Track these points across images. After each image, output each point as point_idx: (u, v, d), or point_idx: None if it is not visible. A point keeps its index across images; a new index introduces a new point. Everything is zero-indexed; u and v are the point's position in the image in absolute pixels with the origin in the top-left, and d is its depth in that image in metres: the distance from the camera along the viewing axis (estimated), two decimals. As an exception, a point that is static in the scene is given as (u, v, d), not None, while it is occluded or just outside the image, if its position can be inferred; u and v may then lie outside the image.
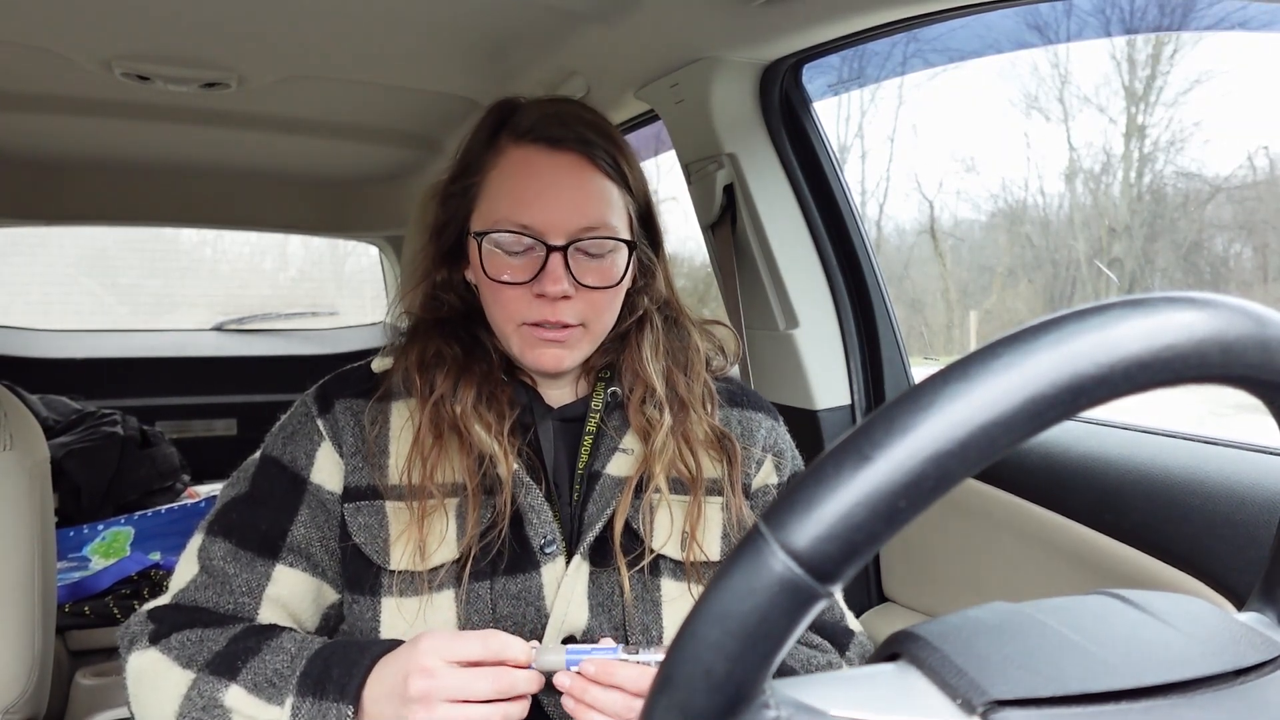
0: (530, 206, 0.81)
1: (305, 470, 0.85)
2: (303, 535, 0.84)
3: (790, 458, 0.97)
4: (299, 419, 0.88)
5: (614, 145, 0.85)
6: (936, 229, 2.84)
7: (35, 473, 1.11)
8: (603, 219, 0.82)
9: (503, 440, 0.83)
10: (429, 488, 0.81)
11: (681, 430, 0.87)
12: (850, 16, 1.20)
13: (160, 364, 2.72)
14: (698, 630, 0.31)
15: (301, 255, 4.33)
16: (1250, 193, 2.07)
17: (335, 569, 0.86)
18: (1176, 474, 0.99)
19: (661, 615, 0.84)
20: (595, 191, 0.83)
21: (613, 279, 0.84)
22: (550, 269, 0.81)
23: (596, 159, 0.83)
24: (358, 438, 0.85)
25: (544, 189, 0.81)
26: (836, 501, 0.30)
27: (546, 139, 0.82)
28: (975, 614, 0.39)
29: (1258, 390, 0.35)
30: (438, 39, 1.35)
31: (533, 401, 0.89)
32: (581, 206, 0.82)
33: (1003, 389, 0.30)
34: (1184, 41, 2.12)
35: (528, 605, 0.81)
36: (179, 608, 0.83)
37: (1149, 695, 0.35)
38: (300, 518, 0.84)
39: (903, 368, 1.51)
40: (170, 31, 1.29)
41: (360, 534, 0.83)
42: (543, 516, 0.83)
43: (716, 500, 0.89)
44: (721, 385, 0.96)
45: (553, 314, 0.82)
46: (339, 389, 0.89)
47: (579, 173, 0.83)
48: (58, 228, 2.92)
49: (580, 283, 0.82)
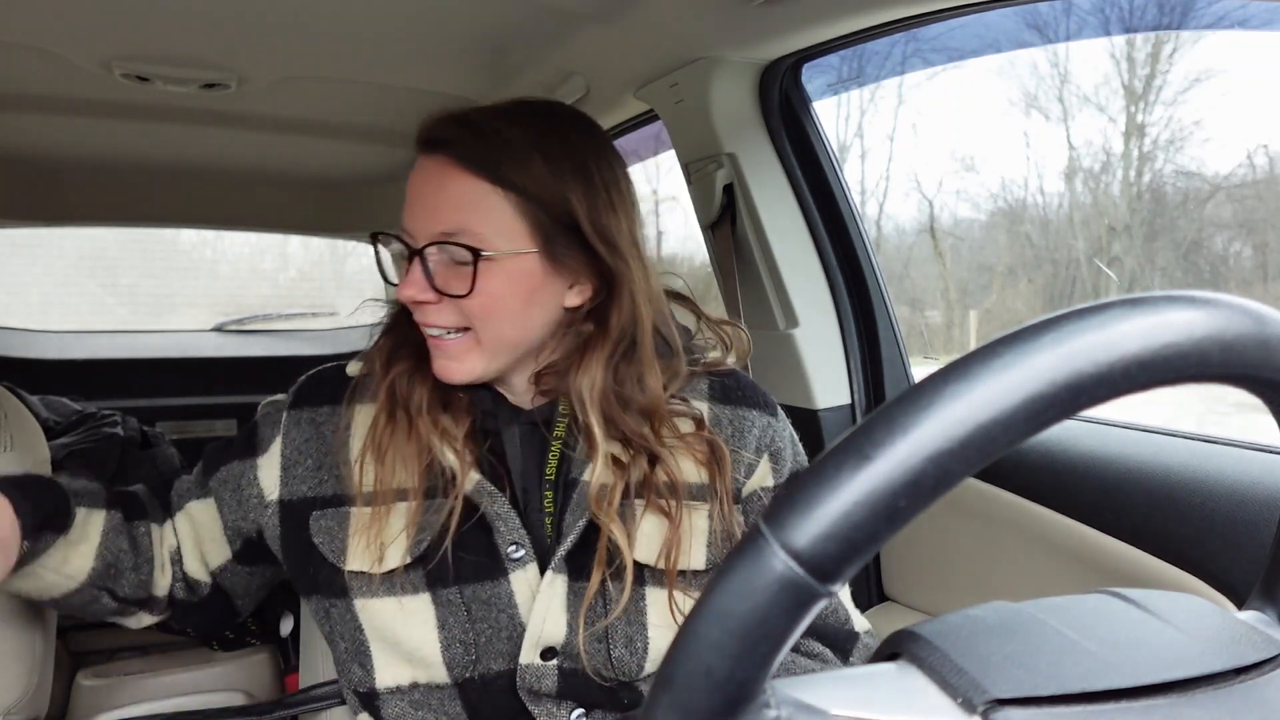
0: (405, 211, 0.81)
1: (260, 450, 0.89)
2: (223, 476, 0.90)
3: (789, 456, 0.93)
4: (281, 404, 0.91)
5: (502, 148, 0.77)
6: (936, 228, 2.84)
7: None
8: (461, 224, 0.77)
9: (457, 447, 0.82)
10: (382, 490, 0.82)
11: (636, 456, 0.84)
12: (850, 16, 1.20)
13: (160, 365, 2.72)
14: (698, 630, 0.31)
15: (301, 255, 4.34)
16: (1250, 191, 2.08)
17: (234, 530, 0.90)
18: (1176, 473, 0.99)
19: (646, 626, 0.82)
20: (455, 195, 0.78)
21: (464, 289, 0.77)
22: (410, 273, 0.79)
23: (466, 162, 0.77)
24: (321, 450, 0.87)
25: (413, 194, 0.81)
26: (837, 501, 0.30)
27: (423, 143, 0.80)
28: (976, 613, 0.39)
29: (1258, 389, 0.35)
30: (437, 39, 1.35)
31: (497, 407, 0.87)
32: (437, 210, 0.78)
33: (1003, 388, 0.30)
34: (1183, 40, 2.12)
35: (500, 612, 0.81)
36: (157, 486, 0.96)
37: (1149, 694, 0.35)
38: (231, 469, 0.90)
39: (903, 367, 1.51)
40: (170, 32, 1.29)
41: (320, 535, 0.84)
42: (509, 524, 0.81)
43: (703, 507, 0.86)
44: (717, 380, 0.92)
45: (422, 318, 0.81)
46: (312, 394, 0.90)
47: (441, 176, 0.78)
48: (57, 228, 2.92)
49: (443, 290, 0.78)
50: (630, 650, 0.81)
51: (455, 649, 0.80)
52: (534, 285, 0.80)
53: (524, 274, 0.79)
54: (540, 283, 0.80)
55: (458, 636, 0.80)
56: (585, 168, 0.80)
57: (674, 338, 0.88)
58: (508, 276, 0.78)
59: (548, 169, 0.78)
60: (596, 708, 0.83)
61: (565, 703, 0.82)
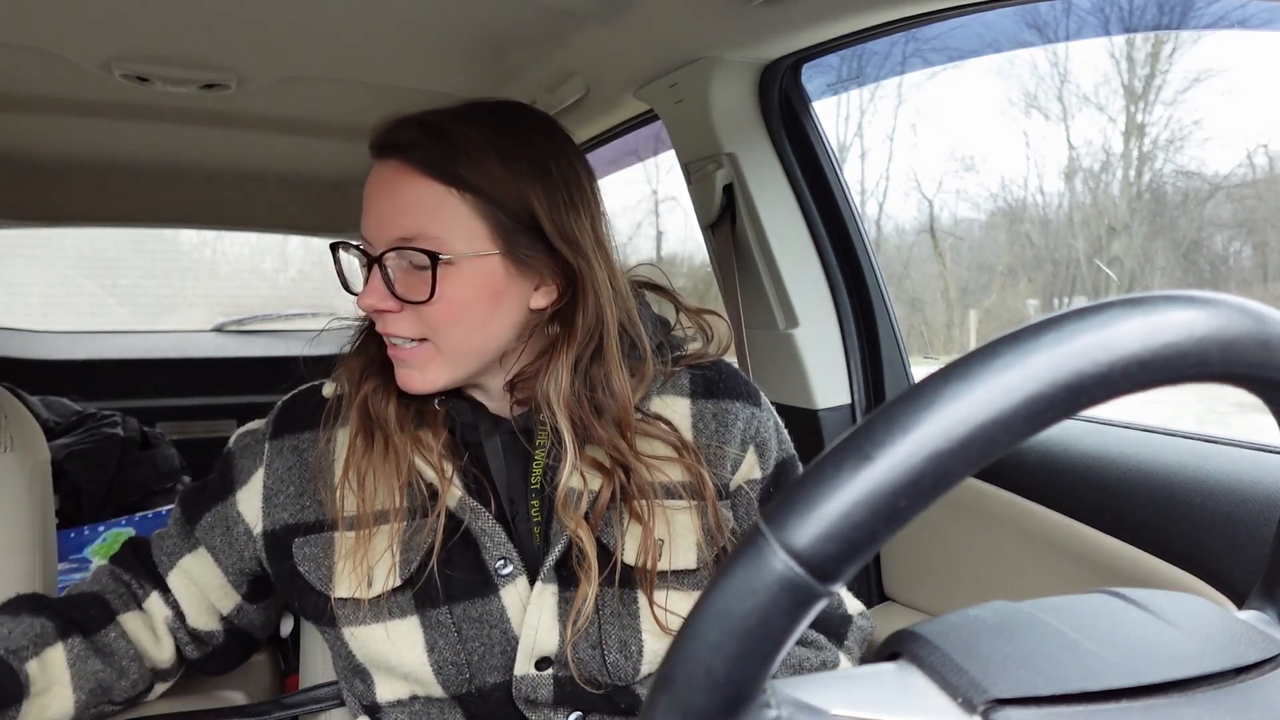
0: (362, 219, 0.79)
1: (239, 484, 0.87)
2: (208, 524, 0.88)
3: (775, 446, 0.91)
4: (259, 434, 0.89)
5: (456, 148, 0.75)
6: (936, 228, 2.84)
7: (36, 474, 1.11)
8: (417, 229, 0.74)
9: (434, 461, 0.80)
10: (366, 514, 0.80)
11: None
12: (849, 16, 1.20)
13: (160, 365, 2.72)
14: (698, 630, 0.31)
15: (301, 256, 4.34)
16: (1249, 191, 2.07)
17: (236, 573, 0.88)
18: (1177, 472, 0.99)
19: (640, 630, 0.81)
20: (410, 200, 0.75)
21: (425, 294, 0.75)
22: (369, 282, 0.77)
23: (420, 165, 0.75)
24: (303, 477, 0.85)
25: (368, 201, 0.78)
26: (837, 500, 0.30)
27: (376, 148, 0.78)
28: (976, 613, 0.39)
29: (1258, 388, 0.35)
30: (437, 39, 1.35)
31: (477, 417, 0.85)
32: (392, 216, 0.76)
33: (1003, 388, 0.30)
34: (1183, 40, 2.12)
35: (492, 628, 0.79)
36: (136, 544, 0.93)
37: (1149, 694, 0.35)
38: (215, 513, 0.88)
39: (903, 367, 1.51)
40: (170, 32, 1.30)
41: (305, 563, 0.83)
42: (496, 539, 0.80)
43: (686, 506, 0.84)
44: (698, 373, 0.90)
45: (384, 327, 0.79)
46: (292, 420, 0.88)
47: (394, 180, 0.76)
48: (57, 229, 2.92)
49: (403, 298, 0.76)
50: (625, 654, 0.81)
51: (448, 670, 0.79)
52: (497, 288, 0.77)
53: (486, 277, 0.77)
54: (504, 285, 0.78)
55: (449, 658, 0.79)
56: (544, 166, 0.78)
57: (642, 339, 0.85)
58: (468, 280, 0.76)
59: (504, 168, 0.76)
60: (593, 711, 0.83)
61: (562, 709, 0.82)
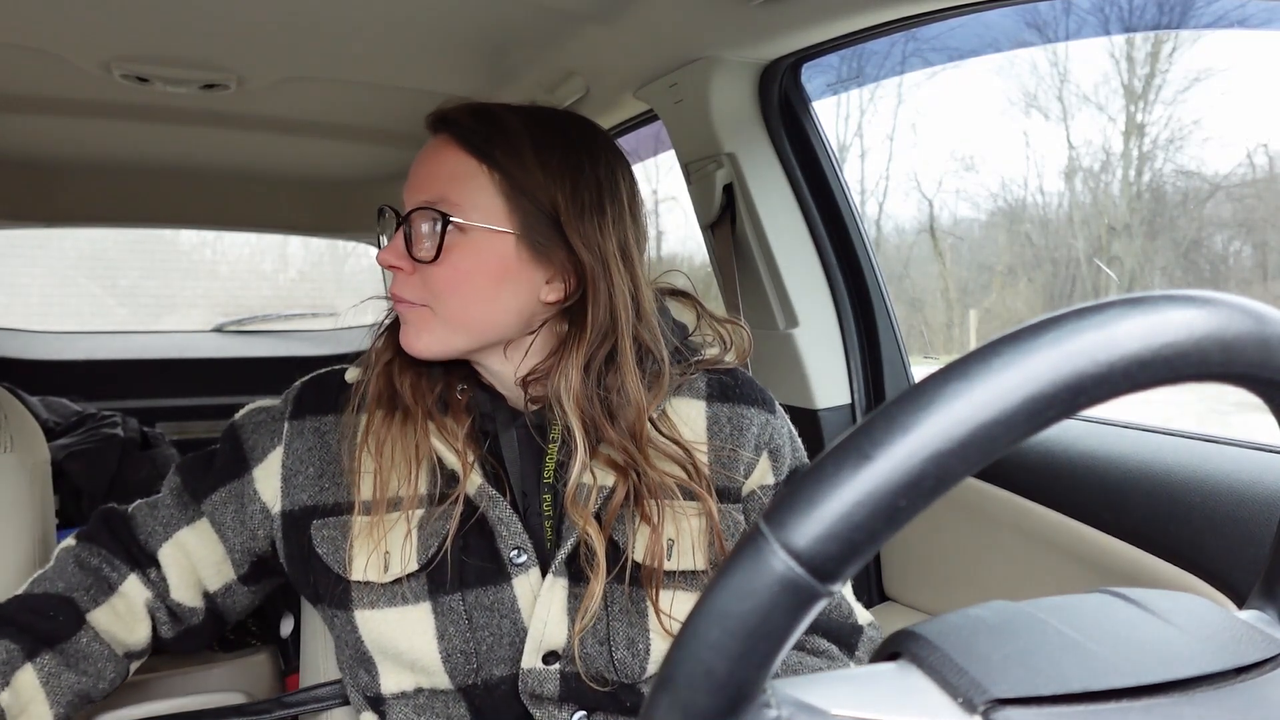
0: (405, 184, 0.83)
1: (254, 461, 0.87)
2: (220, 500, 0.88)
3: (789, 453, 0.92)
4: (276, 413, 0.90)
5: (498, 131, 0.80)
6: (936, 228, 2.84)
7: (36, 474, 1.11)
8: (441, 194, 0.79)
9: (458, 447, 0.82)
10: (383, 496, 0.81)
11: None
12: (849, 16, 1.20)
13: (160, 365, 2.72)
14: (698, 630, 0.31)
15: (301, 256, 4.34)
16: (1249, 190, 2.08)
17: (242, 551, 0.88)
18: (1177, 472, 0.99)
19: (647, 628, 0.82)
20: (444, 169, 0.80)
21: (431, 255, 0.78)
22: (393, 239, 0.82)
23: (461, 140, 0.80)
24: (324, 459, 0.86)
25: (412, 168, 0.83)
26: (837, 500, 0.30)
27: (430, 124, 0.84)
28: (976, 613, 0.39)
29: (1258, 388, 0.35)
30: (436, 39, 1.35)
31: (496, 408, 0.86)
32: (424, 180, 0.81)
33: (1003, 388, 0.30)
34: (1183, 39, 2.12)
35: (502, 618, 0.80)
36: (109, 516, 0.90)
37: (1150, 693, 0.35)
38: (229, 489, 0.88)
39: (903, 367, 1.51)
40: (169, 33, 1.29)
41: (323, 545, 0.83)
42: (511, 529, 0.81)
43: (697, 508, 0.85)
44: (715, 378, 0.91)
45: (393, 287, 0.83)
46: (314, 402, 0.89)
47: (436, 151, 0.81)
48: (57, 229, 2.92)
49: (415, 256, 0.80)
50: (632, 652, 0.81)
51: (456, 658, 0.80)
52: (506, 267, 0.80)
53: (495, 253, 0.79)
54: (513, 267, 0.80)
55: (458, 646, 0.79)
56: (578, 165, 0.81)
57: (663, 355, 0.85)
58: (477, 251, 0.79)
59: (536, 157, 0.79)
60: (598, 710, 0.83)
61: (567, 705, 0.82)
